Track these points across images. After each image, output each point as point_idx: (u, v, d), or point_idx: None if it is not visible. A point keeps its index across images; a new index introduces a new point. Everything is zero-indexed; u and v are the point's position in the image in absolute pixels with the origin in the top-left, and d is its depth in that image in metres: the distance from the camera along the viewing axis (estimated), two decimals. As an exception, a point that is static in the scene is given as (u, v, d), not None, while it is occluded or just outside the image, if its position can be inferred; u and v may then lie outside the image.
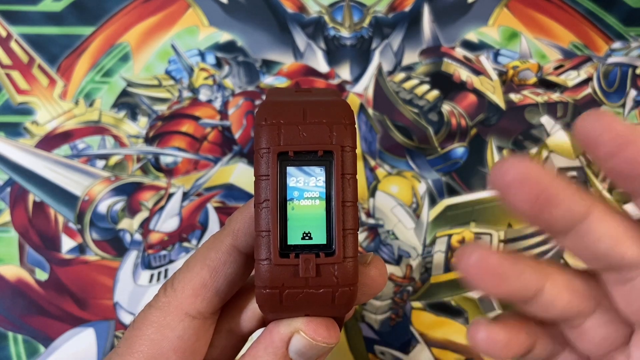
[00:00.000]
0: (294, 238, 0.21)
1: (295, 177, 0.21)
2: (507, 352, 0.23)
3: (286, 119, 0.21)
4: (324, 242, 0.21)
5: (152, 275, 0.42)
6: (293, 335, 0.22)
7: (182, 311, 0.24)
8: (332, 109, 0.21)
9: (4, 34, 0.45)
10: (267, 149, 0.21)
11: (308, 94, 0.24)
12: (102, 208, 0.43)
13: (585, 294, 0.22)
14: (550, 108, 0.45)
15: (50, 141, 0.43)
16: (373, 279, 0.24)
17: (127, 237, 0.42)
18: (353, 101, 0.45)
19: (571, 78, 0.45)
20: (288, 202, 0.21)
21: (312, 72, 0.45)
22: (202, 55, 0.45)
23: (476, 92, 0.45)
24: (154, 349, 0.24)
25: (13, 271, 0.42)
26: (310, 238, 0.21)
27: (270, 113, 0.21)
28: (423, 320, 0.42)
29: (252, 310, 0.26)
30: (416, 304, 0.42)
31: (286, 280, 0.21)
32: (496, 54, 0.46)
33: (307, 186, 0.21)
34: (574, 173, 0.44)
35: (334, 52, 0.45)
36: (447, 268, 0.42)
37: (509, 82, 0.45)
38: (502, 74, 0.45)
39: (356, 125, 0.45)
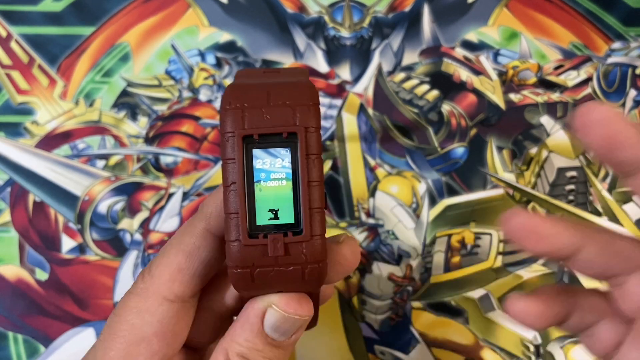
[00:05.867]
0: (263, 219, 0.21)
1: (262, 159, 0.21)
2: (541, 322, 0.25)
3: (250, 102, 0.21)
4: (292, 221, 0.21)
5: (152, 275, 0.42)
6: (267, 310, 0.23)
7: (161, 296, 0.24)
8: (295, 91, 0.22)
9: (4, 34, 0.45)
10: (232, 132, 0.21)
11: (276, 75, 0.24)
12: (102, 208, 0.43)
13: (624, 254, 0.24)
14: (550, 108, 0.45)
15: (50, 141, 0.43)
16: (345, 257, 0.24)
17: (127, 237, 0.42)
18: (353, 101, 0.45)
19: (571, 78, 0.46)
20: (255, 184, 0.21)
21: (312, 72, 0.45)
22: (202, 55, 0.45)
23: (476, 92, 0.45)
24: (135, 333, 0.24)
25: (13, 271, 0.42)
26: (279, 218, 0.21)
27: (234, 97, 0.22)
28: (423, 320, 0.42)
29: (232, 290, 0.26)
30: (416, 304, 0.42)
31: (256, 259, 0.21)
32: (496, 54, 0.46)
33: (273, 167, 0.21)
34: (574, 173, 0.44)
35: (334, 52, 0.45)
36: (447, 268, 0.42)
37: (508, 82, 0.45)
38: (502, 74, 0.45)
39: (355, 121, 0.45)
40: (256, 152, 0.21)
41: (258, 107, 0.21)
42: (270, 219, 0.21)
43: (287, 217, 0.21)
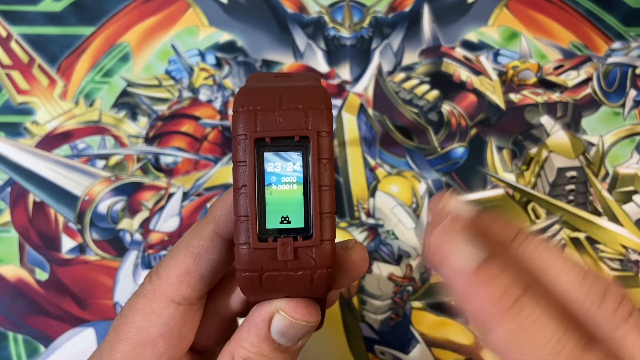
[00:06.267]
0: (273, 222, 0.21)
1: (273, 163, 0.21)
2: None
3: (262, 105, 0.21)
4: (302, 225, 0.21)
5: (152, 275, 0.42)
6: (274, 316, 0.23)
7: (168, 298, 0.24)
8: (308, 95, 0.22)
9: (4, 34, 0.45)
10: (244, 135, 0.21)
11: (288, 79, 0.24)
12: (102, 208, 0.43)
13: None
14: (550, 108, 0.45)
15: (50, 141, 0.43)
16: (354, 264, 0.24)
17: (127, 237, 0.42)
18: (353, 101, 0.45)
19: (571, 78, 0.46)
20: (266, 187, 0.21)
21: (312, 71, 0.45)
22: (202, 55, 0.45)
23: (476, 92, 0.45)
24: (142, 335, 0.24)
25: (13, 271, 0.42)
26: (289, 222, 0.21)
27: (246, 100, 0.21)
28: (423, 320, 0.42)
29: (238, 293, 0.26)
30: (416, 304, 0.42)
31: (265, 263, 0.21)
32: (496, 54, 0.46)
33: (284, 171, 0.21)
34: (574, 173, 0.44)
35: (334, 52, 0.45)
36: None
37: (508, 82, 0.45)
38: (502, 74, 0.45)
39: (355, 121, 0.45)
40: (267, 155, 0.21)
41: (270, 110, 0.21)
42: (280, 222, 0.21)
43: (297, 221, 0.21)
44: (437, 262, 0.21)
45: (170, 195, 0.43)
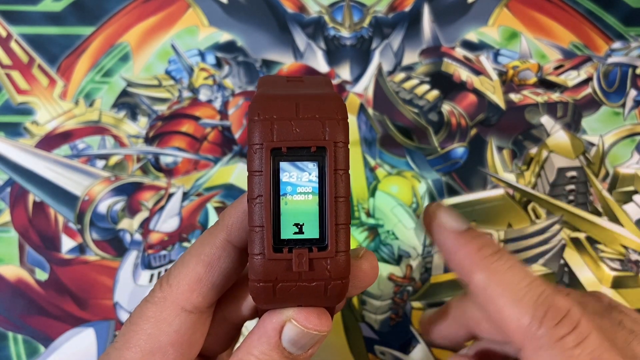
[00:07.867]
0: (287, 232, 0.21)
1: (289, 173, 0.21)
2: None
3: (279, 114, 0.21)
4: (317, 236, 0.21)
5: (152, 275, 0.42)
6: (285, 324, 0.23)
7: (178, 306, 0.24)
8: (324, 104, 0.22)
9: (4, 34, 0.45)
10: (260, 144, 0.21)
11: (300, 85, 0.24)
12: (102, 208, 0.43)
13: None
14: (550, 108, 0.45)
15: (50, 141, 0.44)
16: (365, 272, 0.24)
17: (127, 237, 0.42)
18: (353, 101, 0.45)
19: (571, 78, 0.45)
20: (281, 197, 0.21)
21: (312, 72, 0.45)
22: (202, 55, 0.45)
23: (476, 92, 0.45)
24: (151, 343, 0.24)
25: (13, 271, 0.42)
26: (303, 232, 0.21)
27: (263, 108, 0.21)
28: (423, 320, 0.42)
29: (248, 300, 0.26)
30: (416, 304, 0.42)
31: (279, 274, 0.21)
32: (496, 54, 0.46)
33: (300, 181, 0.21)
34: (574, 173, 0.44)
35: (334, 52, 0.45)
36: (447, 268, 0.42)
37: (509, 82, 0.45)
38: (502, 74, 0.45)
39: (355, 121, 0.44)
40: (283, 165, 0.21)
41: (287, 119, 0.21)
42: (295, 233, 0.21)
43: (312, 232, 0.21)
44: (431, 222, 0.28)
45: (170, 195, 0.43)
